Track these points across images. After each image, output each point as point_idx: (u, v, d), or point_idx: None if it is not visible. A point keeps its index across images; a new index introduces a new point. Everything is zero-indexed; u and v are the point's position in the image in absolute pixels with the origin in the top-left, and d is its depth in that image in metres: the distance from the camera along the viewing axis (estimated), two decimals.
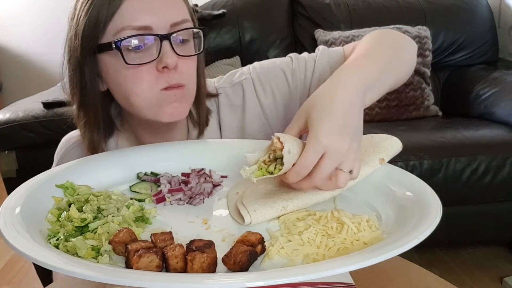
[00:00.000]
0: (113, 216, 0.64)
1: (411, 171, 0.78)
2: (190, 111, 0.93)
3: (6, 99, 3.29)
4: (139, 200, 0.73)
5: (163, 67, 0.80)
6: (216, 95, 0.97)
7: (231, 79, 0.98)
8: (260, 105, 0.94)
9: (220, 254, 0.54)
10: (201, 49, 0.86)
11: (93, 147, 0.90)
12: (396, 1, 2.66)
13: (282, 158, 0.62)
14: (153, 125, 0.90)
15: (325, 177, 0.63)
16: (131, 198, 0.72)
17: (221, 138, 0.96)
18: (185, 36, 0.83)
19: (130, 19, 0.79)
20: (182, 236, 0.61)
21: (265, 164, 0.65)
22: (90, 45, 0.82)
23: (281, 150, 0.62)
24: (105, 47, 0.81)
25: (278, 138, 0.62)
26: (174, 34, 0.80)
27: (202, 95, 0.93)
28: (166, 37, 0.80)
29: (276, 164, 0.64)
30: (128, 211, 0.66)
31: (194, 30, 0.85)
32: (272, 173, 0.64)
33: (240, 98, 0.96)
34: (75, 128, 0.97)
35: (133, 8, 0.79)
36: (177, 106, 0.83)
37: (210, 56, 0.99)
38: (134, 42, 0.79)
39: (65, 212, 0.64)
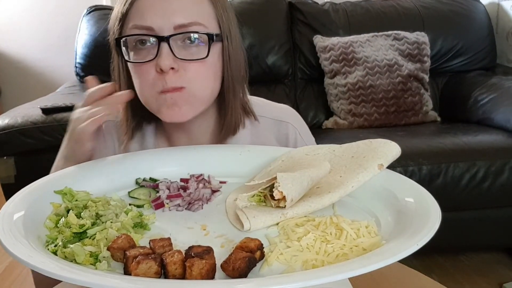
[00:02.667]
0: (111, 222, 0.64)
1: (410, 177, 0.78)
2: (220, 121, 0.95)
3: (5, 105, 3.29)
4: (138, 206, 0.72)
5: (160, 69, 0.81)
6: (255, 118, 0.99)
7: (276, 114, 1.02)
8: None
9: (219, 260, 0.54)
10: (206, 55, 0.84)
11: (127, 129, 0.95)
12: (394, 7, 2.67)
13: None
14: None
15: None
16: (129, 204, 0.72)
17: None
18: (191, 39, 0.83)
19: (137, 18, 0.83)
20: (181, 242, 0.61)
21: (263, 195, 0.70)
22: (115, 40, 0.86)
23: (283, 199, 0.66)
24: (118, 42, 0.85)
25: (281, 193, 0.65)
26: (177, 36, 0.81)
27: (228, 107, 0.93)
28: (165, 39, 0.81)
29: (276, 203, 0.67)
30: (126, 217, 0.66)
31: (204, 35, 0.84)
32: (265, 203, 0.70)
33: (276, 135, 1.00)
34: None
35: (141, 8, 0.83)
36: (174, 108, 0.84)
37: None
38: (135, 40, 0.83)
39: (63, 218, 0.64)
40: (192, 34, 0.83)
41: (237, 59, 0.91)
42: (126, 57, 0.85)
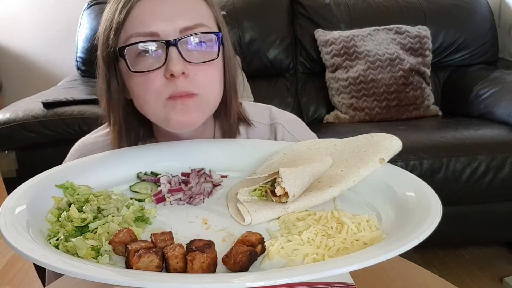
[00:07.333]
0: (113, 216, 0.64)
1: (411, 171, 0.78)
2: (220, 126, 0.93)
3: (6, 99, 3.29)
4: (139, 200, 0.73)
5: (171, 75, 0.78)
6: (249, 124, 0.96)
7: (267, 118, 0.99)
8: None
9: (220, 254, 0.54)
10: (216, 56, 0.82)
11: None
12: (396, 0, 2.66)
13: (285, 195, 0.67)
14: (174, 137, 0.89)
15: None
16: (131, 198, 0.72)
17: None
18: (199, 41, 0.80)
19: (137, 26, 0.79)
20: (182, 236, 0.61)
21: (264, 190, 0.69)
22: (109, 53, 0.82)
23: (285, 195, 0.66)
24: (117, 54, 0.81)
25: (283, 189, 0.65)
26: (183, 40, 0.78)
27: (229, 109, 0.90)
28: (172, 43, 0.77)
29: (277, 199, 0.67)
30: (128, 211, 0.66)
31: (211, 35, 0.81)
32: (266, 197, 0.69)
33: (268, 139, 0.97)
34: (75, 128, 0.97)
35: (141, 15, 0.79)
36: (185, 114, 0.81)
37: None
38: (139, 49, 0.79)
39: (65, 212, 0.64)
40: (201, 35, 0.80)
41: (233, 60, 0.89)
42: (135, 68, 0.79)
